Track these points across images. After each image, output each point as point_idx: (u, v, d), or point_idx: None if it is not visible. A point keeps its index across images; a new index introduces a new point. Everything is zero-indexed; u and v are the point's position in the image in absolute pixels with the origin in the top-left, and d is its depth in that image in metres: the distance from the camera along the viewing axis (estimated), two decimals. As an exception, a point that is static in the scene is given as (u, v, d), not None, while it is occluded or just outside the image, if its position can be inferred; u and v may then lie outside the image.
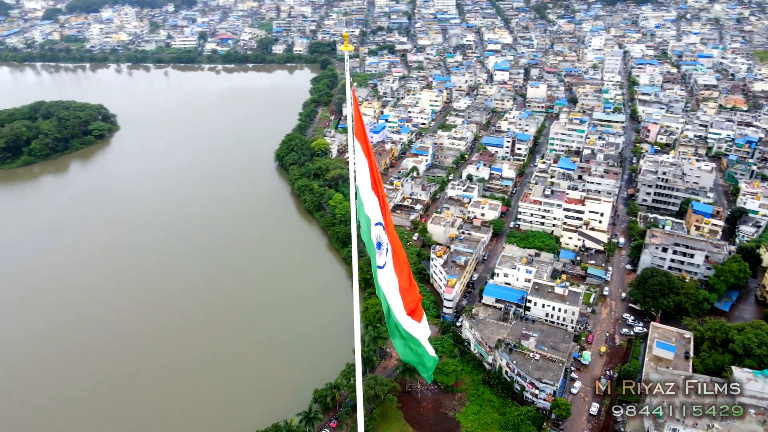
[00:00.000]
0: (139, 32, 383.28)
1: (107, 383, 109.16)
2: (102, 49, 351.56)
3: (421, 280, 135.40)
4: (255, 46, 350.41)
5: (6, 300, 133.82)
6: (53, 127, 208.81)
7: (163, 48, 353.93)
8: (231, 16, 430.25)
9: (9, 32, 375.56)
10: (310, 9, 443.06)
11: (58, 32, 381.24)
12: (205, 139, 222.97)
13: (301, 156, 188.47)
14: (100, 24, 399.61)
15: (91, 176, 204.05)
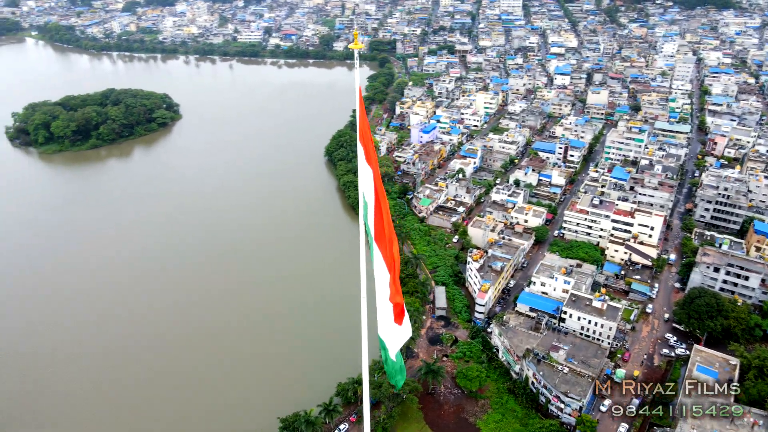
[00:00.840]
0: (209, 26, 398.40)
1: (151, 370, 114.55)
2: (173, 41, 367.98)
3: (456, 283, 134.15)
4: (317, 42, 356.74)
5: (43, 279, 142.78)
6: (120, 114, 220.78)
7: (230, 41, 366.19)
8: (297, 12, 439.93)
9: (90, 23, 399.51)
10: (374, 7, 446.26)
11: (135, 24, 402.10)
12: (261, 131, 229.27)
13: (349, 152, 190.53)
14: (173, 17, 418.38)
15: (150, 162, 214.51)
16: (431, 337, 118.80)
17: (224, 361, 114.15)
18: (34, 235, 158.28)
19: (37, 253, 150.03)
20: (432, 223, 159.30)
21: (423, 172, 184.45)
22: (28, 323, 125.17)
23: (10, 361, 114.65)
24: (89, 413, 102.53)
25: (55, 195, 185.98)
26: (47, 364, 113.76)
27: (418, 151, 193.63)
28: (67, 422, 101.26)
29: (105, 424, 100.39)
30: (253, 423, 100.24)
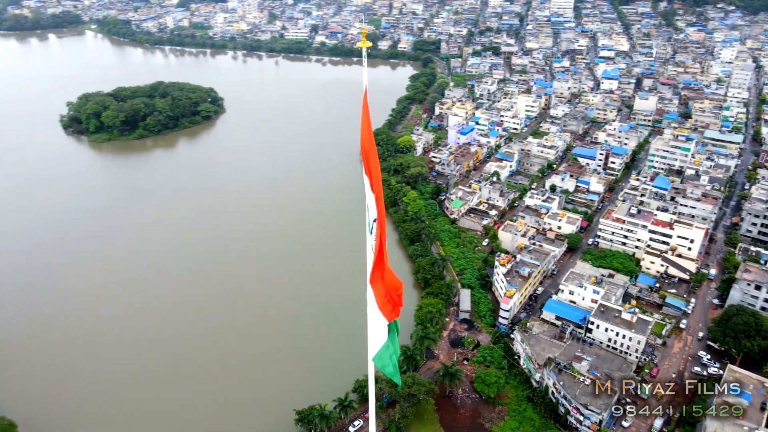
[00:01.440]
0: (258, 22, 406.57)
1: (180, 360, 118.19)
2: (223, 36, 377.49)
3: (483, 287, 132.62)
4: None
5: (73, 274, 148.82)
6: (167, 106, 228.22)
7: (277, 38, 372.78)
8: (344, 11, 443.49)
9: (146, 17, 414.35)
10: (422, 7, 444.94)
11: (188, 19, 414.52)
12: (300, 127, 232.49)
13: (385, 151, 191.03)
14: (225, 13, 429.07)
15: (192, 155, 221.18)
16: (453, 339, 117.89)
17: (249, 355, 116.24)
18: (77, 220, 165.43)
19: (78, 238, 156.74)
20: (463, 225, 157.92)
21: (457, 174, 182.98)
22: (59, 309, 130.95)
23: (40, 346, 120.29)
24: (119, 400, 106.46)
25: (101, 182, 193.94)
26: (79, 350, 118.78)
27: (454, 153, 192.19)
28: (99, 409, 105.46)
29: (134, 413, 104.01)
30: (272, 414, 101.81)
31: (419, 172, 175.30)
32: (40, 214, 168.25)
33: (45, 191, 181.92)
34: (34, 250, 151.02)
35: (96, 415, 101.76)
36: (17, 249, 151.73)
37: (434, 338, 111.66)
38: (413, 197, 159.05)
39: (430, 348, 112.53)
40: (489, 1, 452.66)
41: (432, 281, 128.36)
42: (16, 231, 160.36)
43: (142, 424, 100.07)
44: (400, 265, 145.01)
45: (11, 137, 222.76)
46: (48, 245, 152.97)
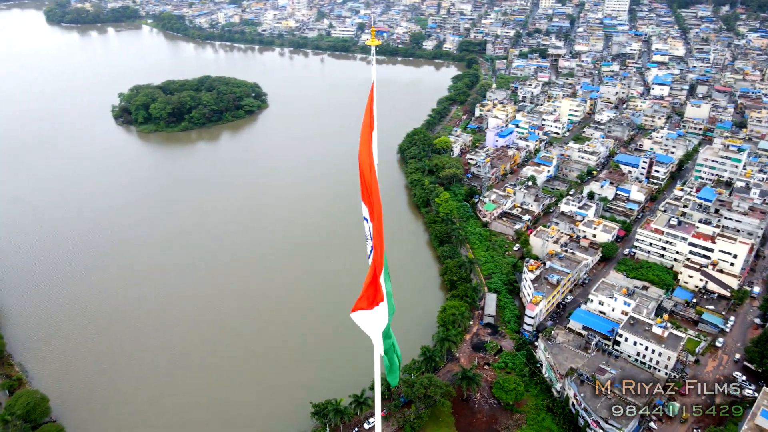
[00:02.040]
0: (306, 20, 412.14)
1: (205, 349, 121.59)
2: (271, 33, 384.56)
3: (510, 292, 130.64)
4: (407, 40, 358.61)
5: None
6: (212, 100, 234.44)
7: (323, 36, 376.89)
8: (392, 10, 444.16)
9: (199, 13, 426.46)
10: (470, 7, 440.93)
11: (239, 16, 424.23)
12: (341, 123, 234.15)
13: (421, 151, 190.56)
14: (275, 10, 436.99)
15: (233, 148, 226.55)
16: (475, 343, 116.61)
17: (274, 344, 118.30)
18: (122, 207, 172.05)
19: (123, 224, 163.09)
20: (495, 228, 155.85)
21: (493, 177, 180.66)
22: (99, 291, 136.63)
23: (79, 325, 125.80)
24: (146, 381, 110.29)
25: (146, 171, 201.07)
26: (115, 331, 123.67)
27: (491, 155, 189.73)
28: (128, 388, 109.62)
29: (158, 393, 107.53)
30: (291, 405, 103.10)
31: (454, 173, 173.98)
32: (87, 200, 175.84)
33: (93, 178, 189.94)
34: (82, 234, 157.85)
35: (125, 394, 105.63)
36: (67, 234, 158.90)
37: (455, 341, 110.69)
38: (445, 198, 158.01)
39: (451, 350, 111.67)
40: (539, 2, 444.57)
41: (458, 284, 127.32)
42: (66, 216, 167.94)
43: (164, 405, 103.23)
44: (428, 266, 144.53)
45: (68, 126, 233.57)
46: (94, 231, 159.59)
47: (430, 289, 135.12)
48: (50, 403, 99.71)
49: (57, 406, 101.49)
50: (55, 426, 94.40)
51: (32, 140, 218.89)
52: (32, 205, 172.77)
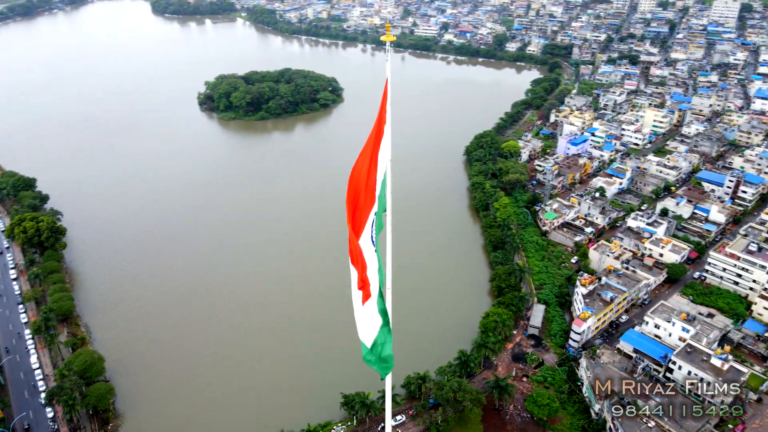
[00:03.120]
0: (391, 18, 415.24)
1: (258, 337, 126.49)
2: (356, 29, 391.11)
3: (561, 305, 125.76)
4: (490, 41, 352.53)
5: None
6: (289, 91, 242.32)
7: (406, 34, 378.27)
8: (479, 10, 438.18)
9: (290, 8, 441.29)
10: (561, 9, 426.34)
11: (327, 11, 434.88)
12: (412, 122, 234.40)
13: (486, 154, 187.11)
14: (362, 7, 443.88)
15: (306, 140, 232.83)
16: (516, 354, 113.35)
17: (321, 334, 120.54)
18: (195, 187, 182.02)
19: (196, 205, 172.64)
20: (554, 239, 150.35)
21: (559, 185, 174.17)
22: (165, 266, 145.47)
23: (144, 296, 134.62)
24: (194, 357, 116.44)
25: (222, 155, 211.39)
26: (176, 304, 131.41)
27: (560, 163, 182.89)
28: (177, 360, 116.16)
29: (204, 368, 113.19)
30: (324, 395, 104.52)
31: (517, 178, 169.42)
32: (165, 180, 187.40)
33: (173, 160, 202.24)
34: (157, 212, 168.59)
35: (174, 365, 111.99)
36: (144, 210, 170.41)
37: (494, 349, 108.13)
38: (504, 203, 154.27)
39: (489, 358, 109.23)
40: (638, 6, 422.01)
41: (506, 291, 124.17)
42: (145, 194, 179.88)
43: (207, 382, 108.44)
44: (479, 270, 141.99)
45: (157, 110, 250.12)
46: (168, 209, 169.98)
47: (477, 294, 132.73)
48: (105, 364, 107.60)
49: (111, 367, 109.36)
50: (106, 385, 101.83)
51: (125, 121, 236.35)
52: (115, 180, 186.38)
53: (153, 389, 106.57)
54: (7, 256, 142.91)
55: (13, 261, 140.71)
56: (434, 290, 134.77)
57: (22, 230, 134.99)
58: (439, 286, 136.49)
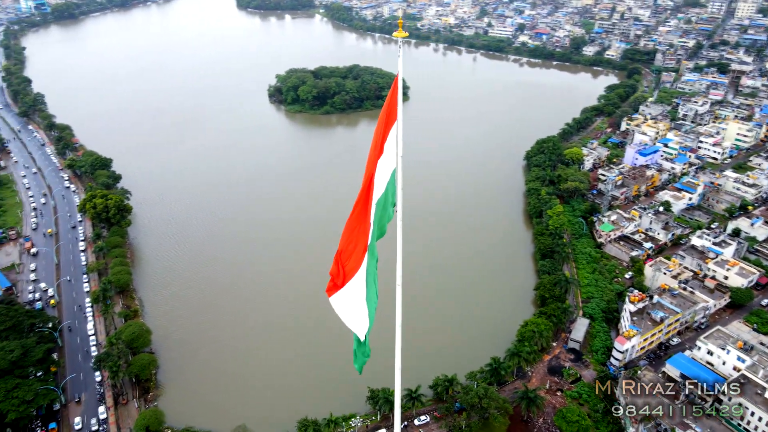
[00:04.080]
0: (467, 17, 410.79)
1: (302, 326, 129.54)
2: (429, 29, 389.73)
3: (607, 321, 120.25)
4: (567, 44, 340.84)
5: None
6: (354, 87, 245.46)
7: (480, 35, 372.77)
8: (560, 11, 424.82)
9: (367, 6, 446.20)
10: (648, 13, 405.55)
11: (403, 10, 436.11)
12: (477, 124, 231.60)
13: (547, 160, 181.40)
14: (438, 6, 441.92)
15: (367, 136, 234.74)
16: (553, 366, 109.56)
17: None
18: (257, 176, 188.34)
19: (255, 194, 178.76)
20: (608, 251, 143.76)
21: (622, 196, 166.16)
22: (223, 253, 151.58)
23: (197, 278, 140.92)
24: (235, 339, 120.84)
25: (286, 146, 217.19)
26: (227, 287, 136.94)
27: (625, 173, 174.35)
28: (220, 339, 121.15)
29: (241, 351, 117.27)
30: (353, 388, 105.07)
31: (576, 187, 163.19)
32: (229, 168, 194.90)
33: (238, 148, 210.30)
34: (218, 199, 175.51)
35: (216, 345, 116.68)
36: (206, 196, 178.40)
37: (528, 358, 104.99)
38: (558, 211, 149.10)
39: (522, 367, 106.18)
40: (736, 11, 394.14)
41: (549, 301, 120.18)
42: (209, 180, 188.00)
43: (244, 365, 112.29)
44: (526, 278, 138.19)
45: (229, 102, 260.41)
46: (228, 197, 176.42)
47: (519, 302, 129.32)
48: (152, 337, 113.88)
49: (157, 340, 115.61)
50: (149, 356, 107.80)
51: (198, 110, 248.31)
52: (183, 166, 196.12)
53: (191, 367, 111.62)
54: (79, 229, 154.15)
55: (83, 234, 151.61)
56: (476, 293, 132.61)
57: (93, 206, 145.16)
58: (482, 290, 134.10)
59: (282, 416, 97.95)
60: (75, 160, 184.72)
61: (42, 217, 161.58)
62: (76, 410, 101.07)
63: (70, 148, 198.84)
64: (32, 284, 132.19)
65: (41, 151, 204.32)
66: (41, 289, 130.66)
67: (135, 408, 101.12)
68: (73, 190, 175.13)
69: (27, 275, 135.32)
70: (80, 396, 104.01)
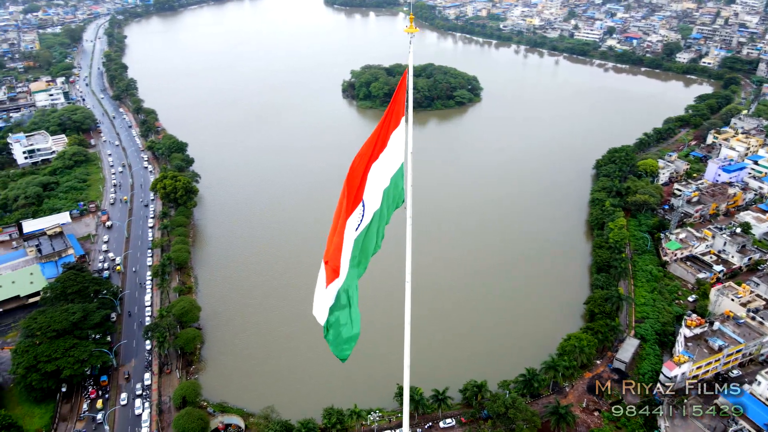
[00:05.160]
0: (553, 19, 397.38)
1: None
2: (512, 29, 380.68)
3: (660, 344, 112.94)
4: (659, 49, 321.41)
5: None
6: (425, 86, 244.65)
7: (565, 37, 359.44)
8: (655, 15, 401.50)
9: (451, 5, 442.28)
10: (757, 19, 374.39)
11: (487, 9, 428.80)
12: (550, 129, 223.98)
13: (617, 170, 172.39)
14: (524, 7, 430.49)
15: (433, 136, 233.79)
16: (593, 385, 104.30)
17: (386, 331, 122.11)
18: (322, 169, 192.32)
19: (319, 185, 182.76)
20: (673, 271, 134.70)
21: (697, 214, 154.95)
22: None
23: (256, 262, 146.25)
24: (283, 324, 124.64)
25: (354, 139, 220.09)
26: (281, 274, 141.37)
27: (703, 190, 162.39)
28: (266, 323, 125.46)
29: (287, 339, 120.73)
30: (385, 385, 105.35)
31: (645, 200, 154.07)
32: (298, 159, 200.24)
33: (308, 143, 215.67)
34: (282, 190, 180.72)
35: (258, 328, 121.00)
36: (269, 186, 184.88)
37: (564, 373, 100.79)
38: (620, 224, 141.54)
39: (557, 382, 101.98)
40: None
41: (598, 317, 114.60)
42: (275, 170, 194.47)
43: (279, 351, 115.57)
44: (577, 291, 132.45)
45: (304, 95, 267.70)
46: (293, 187, 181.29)
47: (567, 314, 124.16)
48: (201, 313, 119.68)
49: (206, 317, 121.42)
50: (195, 331, 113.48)
51: (275, 102, 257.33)
52: (253, 154, 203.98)
53: (232, 347, 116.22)
54: (150, 207, 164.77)
55: (153, 212, 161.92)
56: (522, 301, 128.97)
57: (163, 186, 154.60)
58: (529, 298, 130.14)
59: (309, 403, 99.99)
60: (155, 142, 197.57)
61: (120, 193, 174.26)
62: (124, 374, 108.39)
63: (153, 131, 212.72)
64: (103, 254, 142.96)
65: (128, 132, 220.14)
66: (110, 259, 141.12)
67: (177, 378, 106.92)
68: (150, 170, 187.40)
69: (100, 245, 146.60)
70: (130, 361, 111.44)
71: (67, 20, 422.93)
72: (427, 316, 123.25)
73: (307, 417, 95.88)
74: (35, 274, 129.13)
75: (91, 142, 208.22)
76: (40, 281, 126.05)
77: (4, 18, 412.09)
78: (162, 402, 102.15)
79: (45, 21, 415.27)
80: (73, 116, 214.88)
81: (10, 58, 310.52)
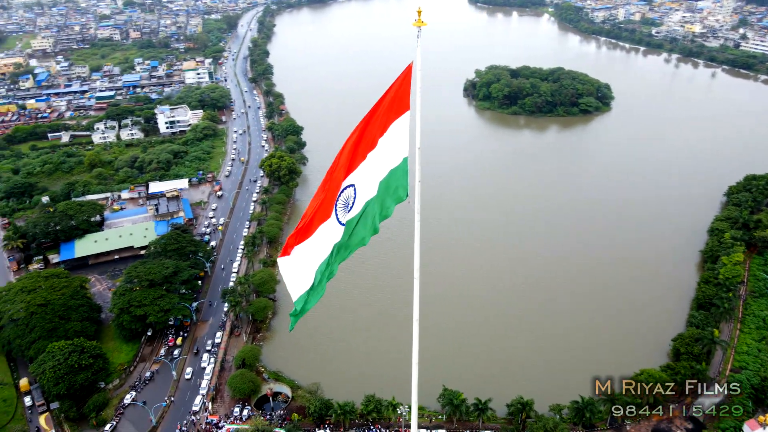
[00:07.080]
0: (718, 27, 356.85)
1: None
2: (666, 36, 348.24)
3: (757, 401, 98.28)
4: None
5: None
6: (549, 90, 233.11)
7: (727, 47, 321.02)
8: None
9: (601, 7, 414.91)
10: None
11: (641, 13, 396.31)
12: (683, 148, 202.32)
13: (751, 199, 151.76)
14: (686, 12, 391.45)
15: (555, 145, 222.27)
16: (661, 428, 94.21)
17: (451, 336, 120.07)
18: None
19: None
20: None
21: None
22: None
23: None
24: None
25: (469, 139, 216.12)
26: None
27: None
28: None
29: (366, 332, 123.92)
30: (430, 384, 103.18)
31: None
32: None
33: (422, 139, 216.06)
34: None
35: (335, 315, 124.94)
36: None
37: (627, 409, 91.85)
38: (735, 260, 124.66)
39: (615, 419, 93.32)
40: None
41: (683, 357, 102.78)
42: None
43: (341, 335, 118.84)
44: (669, 326, 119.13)
45: (426, 93, 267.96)
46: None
47: (650, 350, 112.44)
48: (277, 286, 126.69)
49: (282, 289, 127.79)
50: (268, 302, 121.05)
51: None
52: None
53: (299, 324, 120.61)
54: (257, 183, 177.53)
55: (259, 187, 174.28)
56: (602, 324, 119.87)
57: (269, 165, 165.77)
58: (611, 323, 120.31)
59: (353, 389, 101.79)
60: (274, 123, 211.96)
61: (236, 167, 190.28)
62: (201, 329, 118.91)
63: (277, 113, 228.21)
64: (208, 220, 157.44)
65: (255, 113, 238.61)
66: (213, 225, 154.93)
67: (243, 341, 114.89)
68: (266, 149, 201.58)
69: (207, 212, 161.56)
70: (209, 319, 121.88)
71: (229, 8, 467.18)
72: (493, 323, 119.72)
73: (349, 400, 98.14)
74: (149, 229, 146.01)
75: (222, 118, 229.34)
76: (151, 236, 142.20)
77: (178, 4, 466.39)
78: (225, 360, 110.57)
79: (211, 7, 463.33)
80: (212, 94, 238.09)
81: (175, 40, 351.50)
